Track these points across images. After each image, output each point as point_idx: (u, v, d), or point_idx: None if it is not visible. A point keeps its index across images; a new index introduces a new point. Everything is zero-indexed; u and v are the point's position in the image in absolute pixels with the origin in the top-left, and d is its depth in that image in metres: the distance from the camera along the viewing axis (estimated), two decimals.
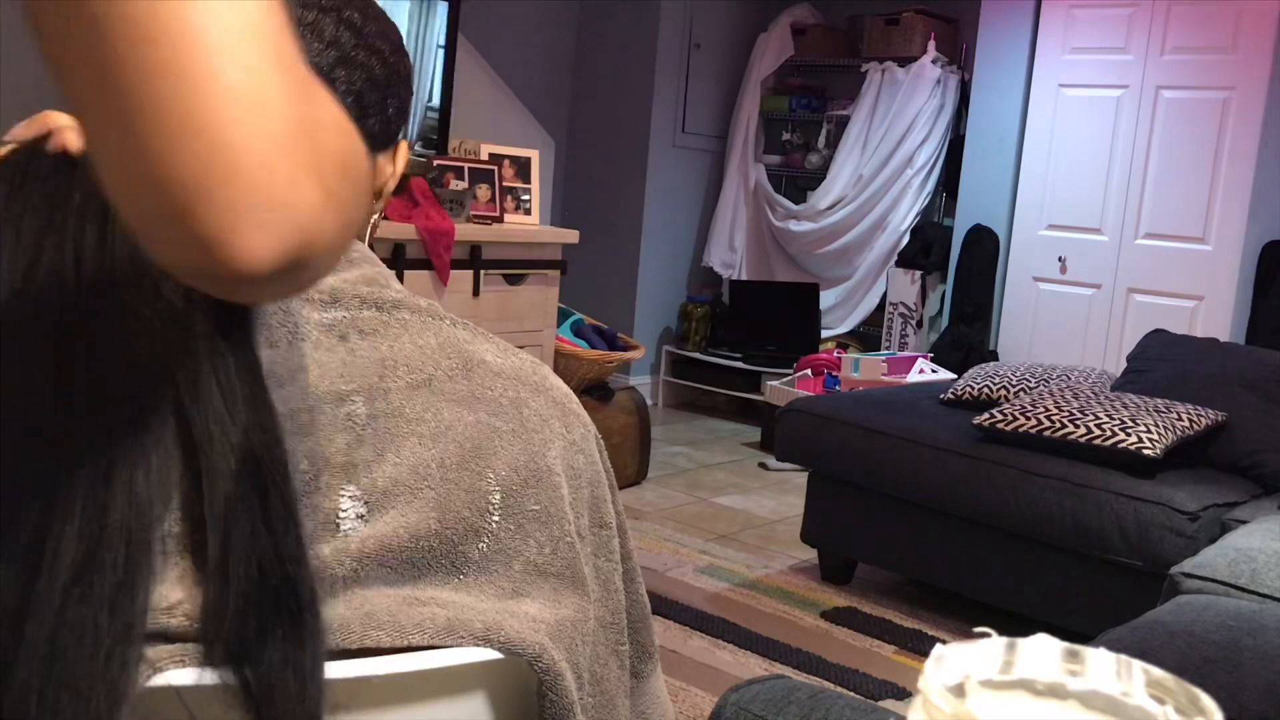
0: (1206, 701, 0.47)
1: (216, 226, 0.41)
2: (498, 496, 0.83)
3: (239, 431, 0.67)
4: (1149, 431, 2.78)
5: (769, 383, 4.96)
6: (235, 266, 0.42)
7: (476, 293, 3.73)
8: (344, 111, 0.48)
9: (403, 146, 0.92)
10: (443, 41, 4.28)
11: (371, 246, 0.92)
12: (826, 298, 5.56)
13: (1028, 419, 2.95)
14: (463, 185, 3.85)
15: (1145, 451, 2.75)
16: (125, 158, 0.41)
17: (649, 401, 5.49)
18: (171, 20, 0.40)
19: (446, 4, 4.26)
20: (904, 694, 2.62)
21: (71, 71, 0.41)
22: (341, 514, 0.78)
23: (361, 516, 0.79)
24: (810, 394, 4.30)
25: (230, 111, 0.41)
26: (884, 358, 4.58)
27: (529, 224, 4.05)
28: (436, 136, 4.23)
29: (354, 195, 0.47)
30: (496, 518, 0.83)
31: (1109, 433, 2.81)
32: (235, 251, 0.42)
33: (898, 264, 5.29)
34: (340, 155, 0.46)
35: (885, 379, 4.43)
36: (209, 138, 0.40)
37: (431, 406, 0.83)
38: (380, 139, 0.88)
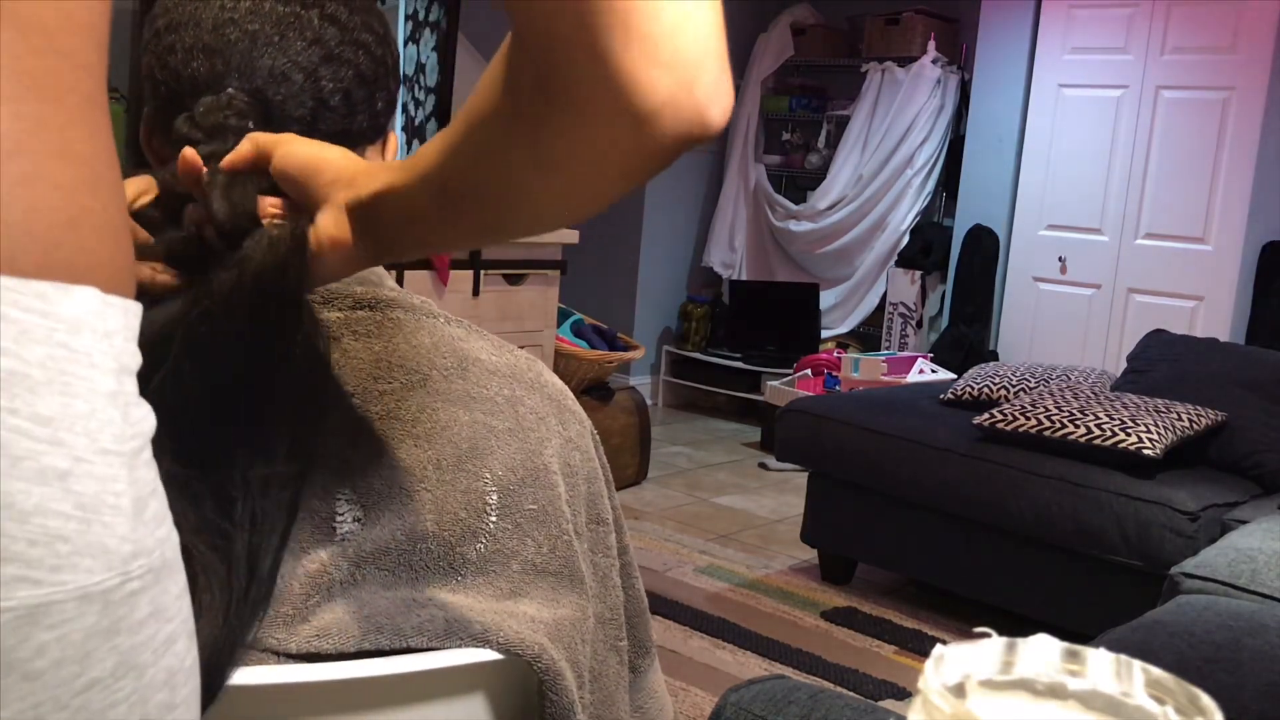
0: (1206, 701, 0.47)
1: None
2: (495, 497, 0.82)
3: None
4: (1149, 431, 2.78)
5: (769, 383, 4.96)
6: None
7: (476, 293, 3.73)
8: None
9: (392, 139, 0.91)
10: None
11: None
12: (826, 298, 5.56)
13: (1028, 419, 2.95)
14: None
15: (1145, 451, 2.75)
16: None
17: (649, 401, 5.49)
18: None
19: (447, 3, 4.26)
20: (904, 694, 2.62)
21: None
22: (338, 518, 0.78)
23: (358, 520, 0.78)
24: (810, 394, 4.30)
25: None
26: (884, 358, 4.58)
27: None
28: None
29: None
30: (494, 518, 0.82)
31: (1109, 433, 2.81)
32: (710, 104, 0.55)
33: (898, 264, 5.29)
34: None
35: (885, 379, 4.43)
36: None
37: (427, 407, 0.82)
38: (369, 134, 0.86)
